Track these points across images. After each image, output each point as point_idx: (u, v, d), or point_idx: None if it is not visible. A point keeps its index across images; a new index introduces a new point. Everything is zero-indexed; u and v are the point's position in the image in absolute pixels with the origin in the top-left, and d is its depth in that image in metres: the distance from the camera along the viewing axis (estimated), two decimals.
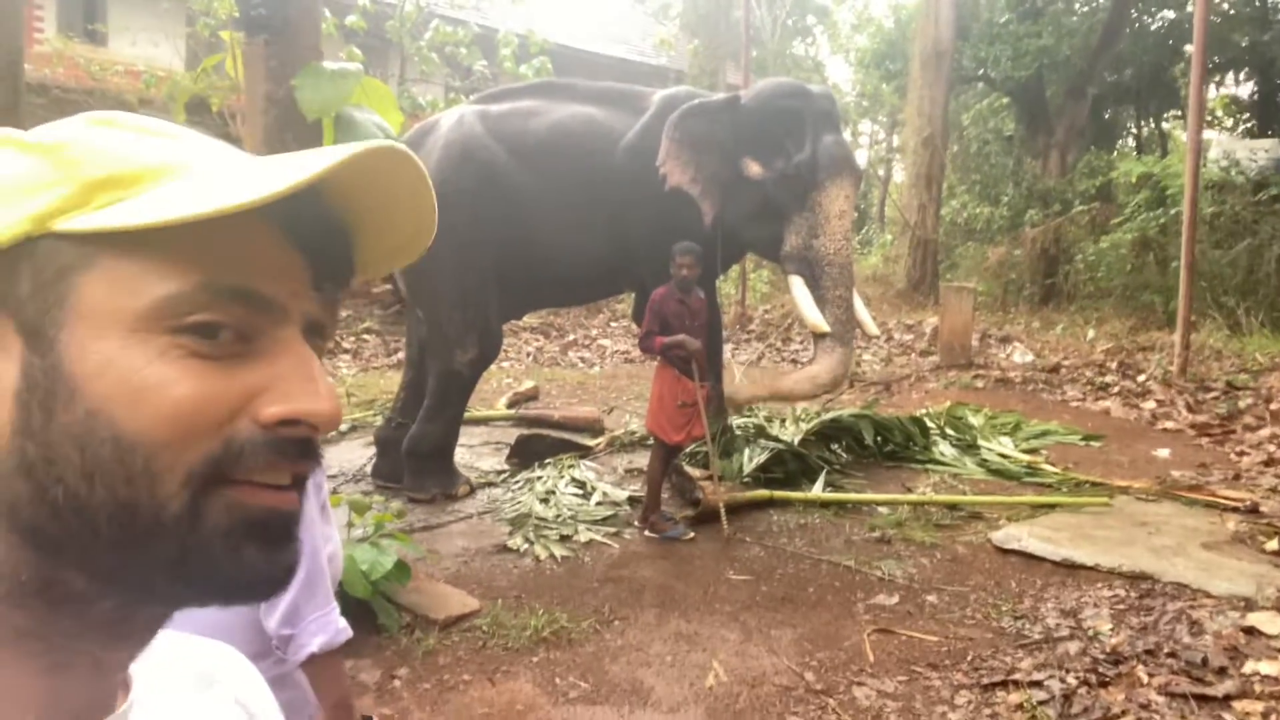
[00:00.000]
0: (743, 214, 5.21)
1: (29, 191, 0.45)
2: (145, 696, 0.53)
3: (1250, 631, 3.55)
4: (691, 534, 4.83)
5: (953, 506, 5.31)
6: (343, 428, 6.99)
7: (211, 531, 0.45)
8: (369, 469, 5.79)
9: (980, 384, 9.01)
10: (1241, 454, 6.41)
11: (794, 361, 10.86)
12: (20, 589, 0.44)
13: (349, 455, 6.28)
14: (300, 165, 0.45)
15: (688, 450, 5.60)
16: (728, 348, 9.72)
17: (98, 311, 0.44)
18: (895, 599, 4.10)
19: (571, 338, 12.01)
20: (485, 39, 13.73)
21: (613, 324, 12.74)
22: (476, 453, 6.45)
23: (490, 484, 5.71)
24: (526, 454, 6.10)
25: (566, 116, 5.39)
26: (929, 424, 6.64)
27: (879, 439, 6.32)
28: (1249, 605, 3.79)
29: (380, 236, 0.54)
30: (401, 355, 8.46)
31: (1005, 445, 6.52)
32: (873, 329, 5.62)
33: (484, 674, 3.40)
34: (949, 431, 6.66)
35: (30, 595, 0.45)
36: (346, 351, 10.10)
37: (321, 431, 0.48)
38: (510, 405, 7.77)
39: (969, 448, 6.44)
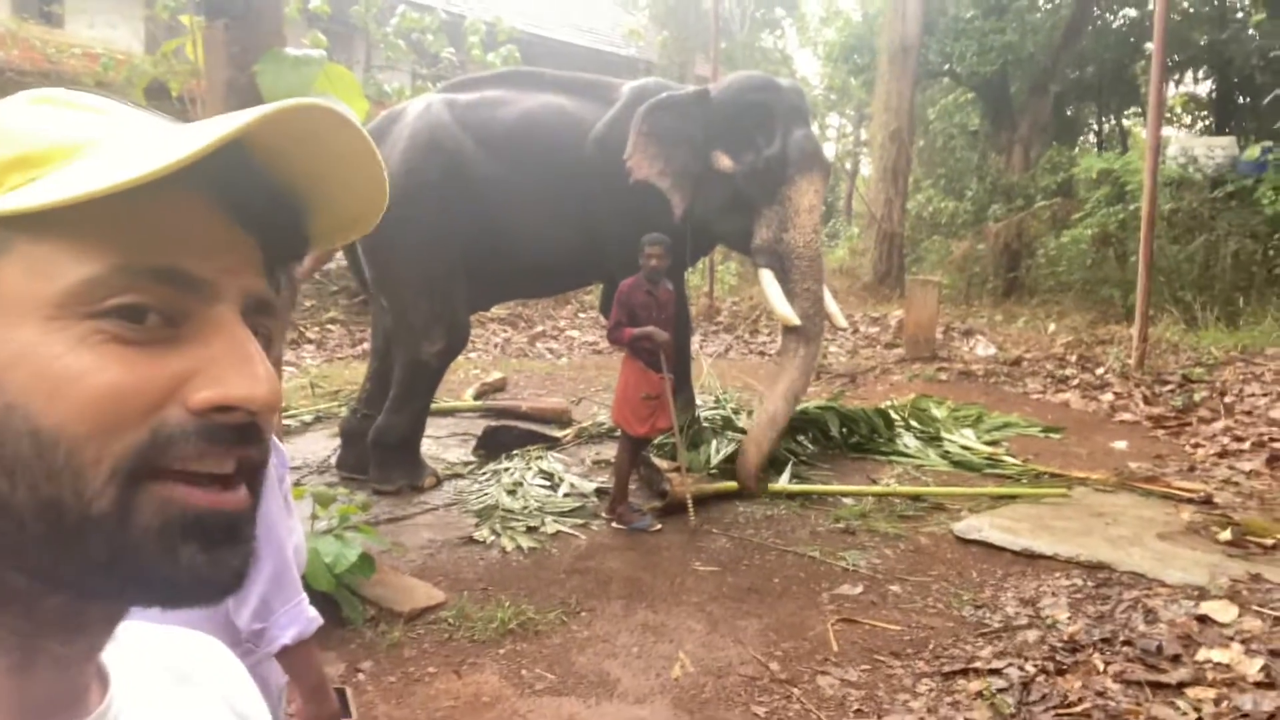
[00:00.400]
0: (713, 207, 5.23)
1: None
2: (125, 692, 0.52)
3: (1203, 620, 3.64)
4: (658, 525, 4.84)
5: (916, 498, 5.38)
6: (307, 419, 6.92)
7: (144, 531, 0.42)
8: (334, 461, 5.74)
9: (944, 376, 9.12)
10: (1196, 446, 6.55)
11: (761, 354, 10.92)
12: None
13: (314, 447, 6.21)
14: (213, 128, 0.42)
15: (656, 442, 5.61)
16: (696, 339, 9.75)
17: (13, 299, 0.42)
18: (859, 589, 4.15)
19: (540, 329, 11.97)
20: (453, 26, 13.58)
21: (581, 315, 12.72)
22: (443, 444, 6.42)
23: (457, 475, 5.68)
24: (494, 445, 6.08)
25: (535, 106, 5.36)
26: (894, 416, 6.71)
27: (844, 431, 6.38)
28: (1202, 594, 3.89)
29: (330, 208, 0.52)
30: (367, 346, 8.39)
31: (967, 437, 6.61)
32: (841, 321, 5.66)
33: (450, 666, 3.39)
34: (913, 424, 6.74)
35: None
36: (311, 342, 9.99)
37: (259, 417, 0.45)
38: (477, 396, 7.73)
39: (932, 440, 6.52)
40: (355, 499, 4.32)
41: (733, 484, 5.36)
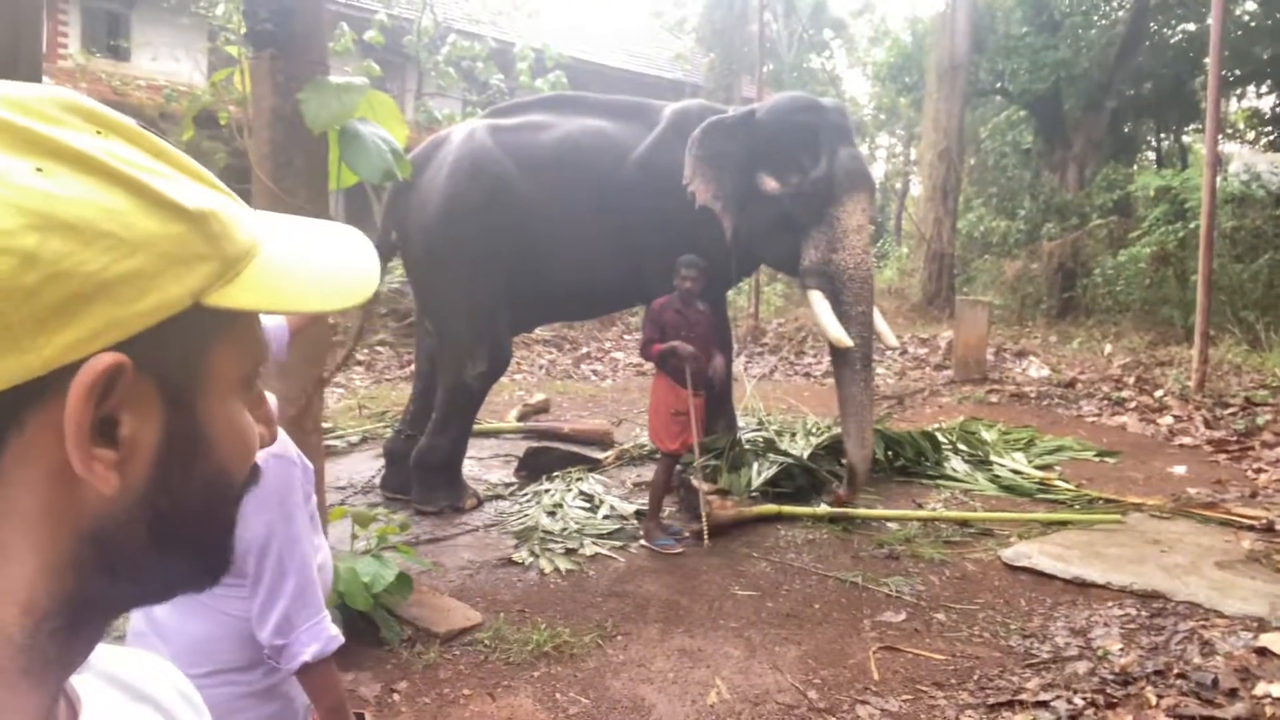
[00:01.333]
0: (758, 229, 5.21)
1: (187, 263, 0.46)
2: (94, 713, 0.53)
3: (1262, 653, 3.49)
4: (679, 548, 4.81)
5: (963, 523, 5.26)
6: (354, 439, 7.02)
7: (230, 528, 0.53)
8: (378, 481, 5.80)
9: (995, 399, 8.93)
10: (1259, 471, 6.31)
11: (807, 375, 10.82)
12: (68, 624, 0.46)
13: (359, 467, 6.29)
14: (366, 272, 0.54)
15: (697, 464, 5.58)
16: (740, 360, 9.70)
17: (224, 378, 0.50)
18: (902, 616, 4.06)
19: (584, 350, 12.02)
20: (502, 53, 13.81)
21: (625, 337, 12.74)
22: (485, 465, 6.46)
23: (498, 497, 5.71)
24: (535, 467, 6.09)
25: (576, 130, 5.41)
26: (941, 439, 6.59)
27: (890, 453, 6.27)
28: (1262, 626, 3.73)
29: None
30: (414, 368, 8.49)
31: (1018, 461, 6.45)
32: (892, 340, 5.60)
33: (484, 688, 3.39)
34: (961, 447, 6.60)
35: (76, 622, 0.46)
36: (360, 364, 10.15)
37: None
38: (520, 418, 7.77)
39: (981, 463, 6.38)
40: (395, 519, 4.36)
41: (774, 508, 5.30)
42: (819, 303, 5.14)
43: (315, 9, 3.95)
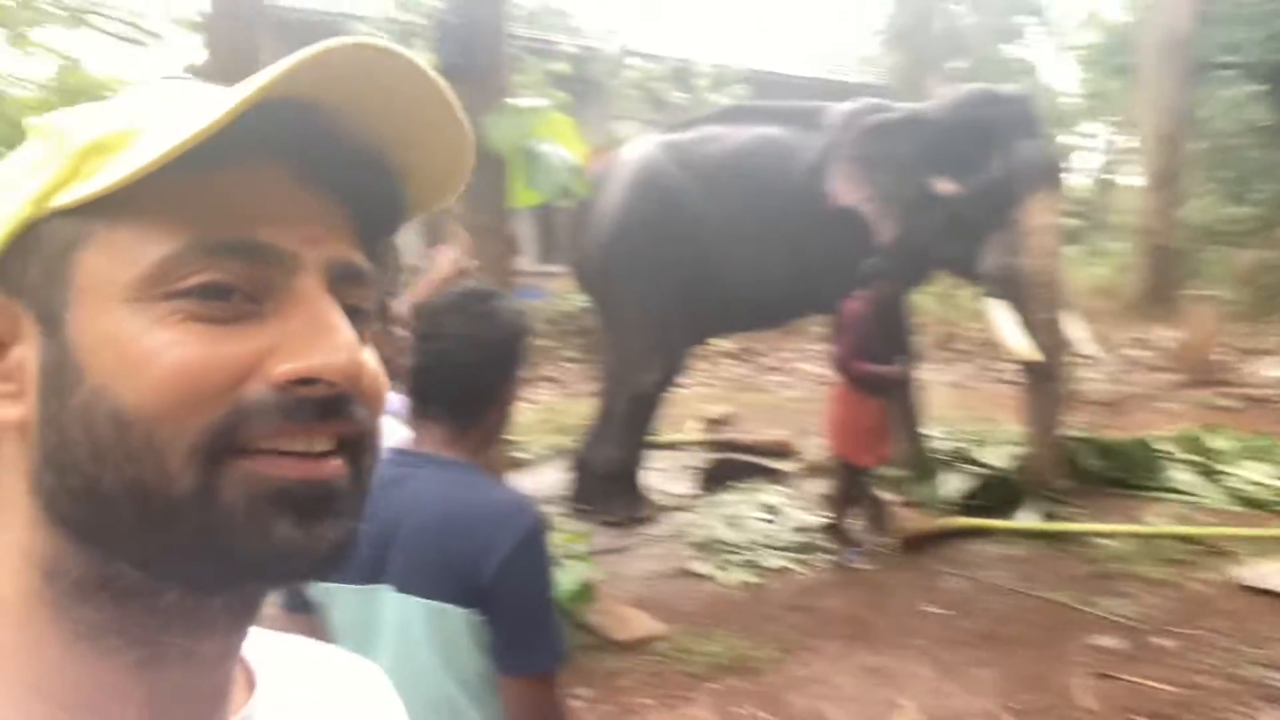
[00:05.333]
0: (929, 233, 4.96)
1: (29, 173, 0.44)
2: (272, 701, 0.52)
3: None
4: (866, 562, 4.62)
5: (1188, 539, 4.76)
6: (544, 452, 7.25)
7: (230, 508, 0.42)
8: (566, 492, 5.95)
9: (1225, 403, 8.05)
10: None
11: (1002, 382, 10.17)
12: (77, 585, 0.43)
13: (547, 478, 6.49)
14: (256, 80, 0.41)
15: (881, 474, 5.36)
16: (933, 367, 9.27)
17: (98, 285, 0.42)
18: (1116, 640, 3.71)
19: (768, 361, 11.88)
20: (684, 71, 14.01)
21: (809, 347, 12.49)
22: (667, 476, 6.49)
23: (679, 508, 5.72)
24: (716, 478, 6.07)
25: (747, 139, 5.37)
26: (1161, 447, 5.99)
27: (1101, 463, 5.77)
28: None
29: (419, 168, 0.50)
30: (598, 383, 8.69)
31: (1254, 471, 5.76)
32: (1091, 348, 5.18)
33: (663, 699, 3.39)
34: (1185, 455, 5.98)
35: (91, 590, 0.44)
36: (549, 380, 10.52)
37: (345, 387, 0.44)
38: (702, 430, 7.77)
39: (1209, 474, 5.75)
40: (577, 528, 4.45)
41: (970, 521, 5.00)
42: (998, 312, 4.83)
43: (497, 43, 4.16)
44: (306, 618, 1.41)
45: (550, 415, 8.41)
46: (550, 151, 3.85)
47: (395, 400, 2.17)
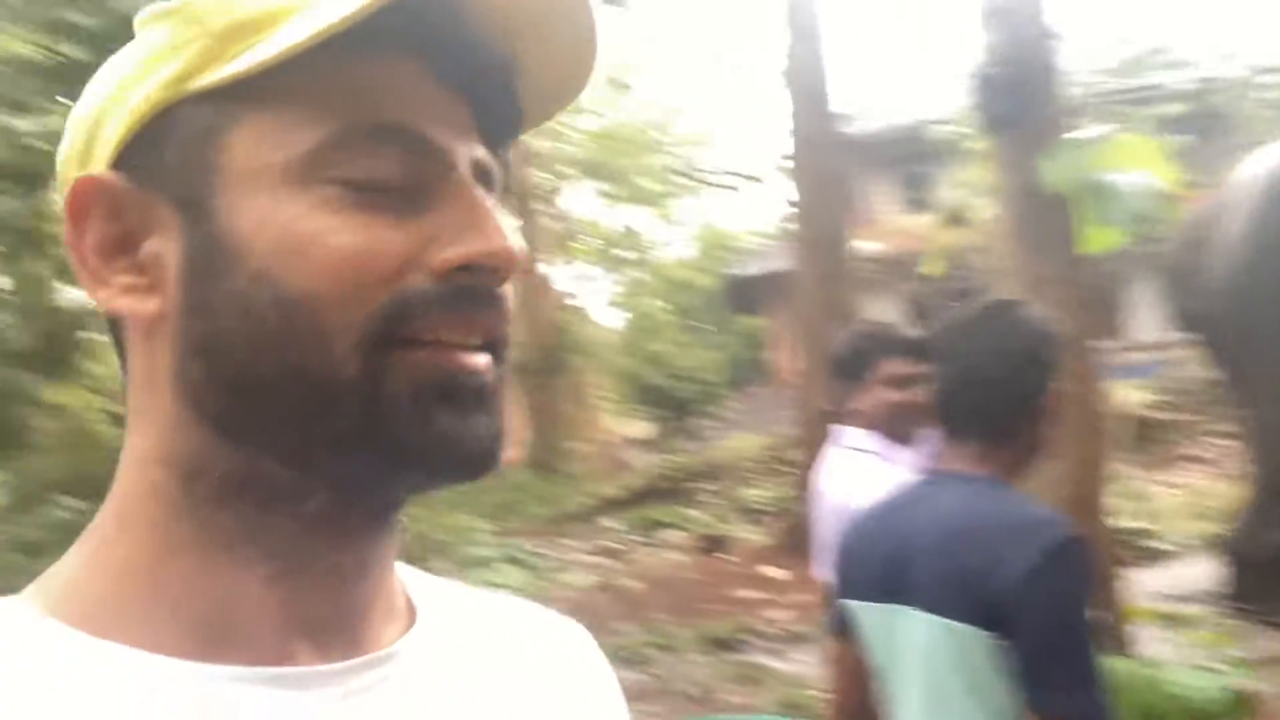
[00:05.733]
0: None
1: (162, 58, 0.43)
2: (429, 642, 0.48)
3: None
4: None
5: None
6: (1185, 541, 6.23)
7: (395, 397, 0.41)
8: (1221, 589, 4.94)
9: None
10: None
11: None
12: (221, 486, 0.42)
13: (1194, 572, 5.48)
14: None
15: None
16: None
17: (251, 169, 0.41)
18: None
19: None
20: None
21: None
22: None
23: None
24: None
25: None
26: None
27: None
28: None
29: (538, 68, 0.48)
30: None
31: None
32: None
33: None
34: None
35: (233, 493, 0.42)
36: (1192, 459, 9.04)
37: (500, 274, 0.43)
38: None
39: None
40: (1229, 628, 3.60)
41: None
42: None
43: (1047, 90, 3.87)
44: (851, 645, 1.43)
45: (1194, 499, 7.25)
46: (1122, 179, 3.41)
47: (866, 438, 2.00)
